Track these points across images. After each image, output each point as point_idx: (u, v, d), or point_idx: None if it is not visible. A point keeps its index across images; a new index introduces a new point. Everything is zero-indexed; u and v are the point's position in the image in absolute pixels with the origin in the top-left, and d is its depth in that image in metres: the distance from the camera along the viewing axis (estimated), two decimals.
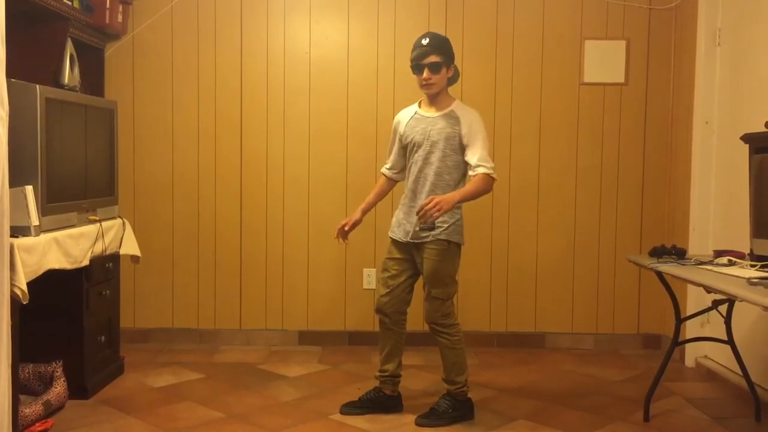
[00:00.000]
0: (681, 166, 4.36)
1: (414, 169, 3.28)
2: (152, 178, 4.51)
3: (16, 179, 2.88)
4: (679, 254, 3.16)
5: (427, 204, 2.96)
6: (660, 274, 3.17)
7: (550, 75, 4.49)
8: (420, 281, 3.35)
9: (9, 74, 2.59)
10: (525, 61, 4.49)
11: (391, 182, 3.51)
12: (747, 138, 3.11)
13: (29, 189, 2.99)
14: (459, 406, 3.30)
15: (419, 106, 3.36)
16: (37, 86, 3.09)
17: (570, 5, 4.47)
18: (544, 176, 4.53)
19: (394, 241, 3.36)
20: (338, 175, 4.50)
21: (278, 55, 4.48)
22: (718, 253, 3.14)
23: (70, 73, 3.64)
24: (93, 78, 4.08)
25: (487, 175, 3.13)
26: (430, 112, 3.29)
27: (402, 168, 3.43)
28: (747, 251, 3.06)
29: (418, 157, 3.26)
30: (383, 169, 3.51)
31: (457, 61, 4.41)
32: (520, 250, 4.56)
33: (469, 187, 3.14)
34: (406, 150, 3.36)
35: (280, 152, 4.51)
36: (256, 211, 4.53)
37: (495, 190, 4.45)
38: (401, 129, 3.35)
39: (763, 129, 2.97)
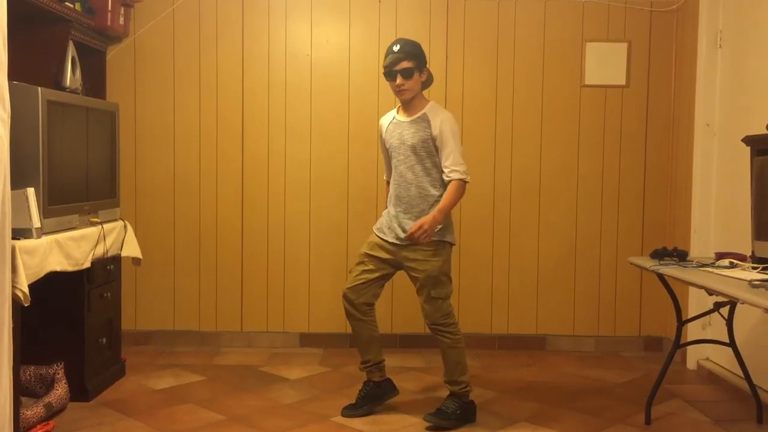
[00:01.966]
0: (682, 169, 4.36)
1: (395, 174, 3.34)
2: (154, 180, 4.51)
3: (18, 181, 2.88)
4: (680, 256, 3.16)
5: (414, 232, 3.15)
6: (661, 277, 3.17)
7: (552, 77, 4.50)
8: (390, 282, 3.41)
9: (11, 76, 2.59)
10: (526, 63, 4.50)
11: None
12: (748, 140, 3.11)
13: (31, 191, 2.99)
14: (464, 408, 3.30)
15: (397, 112, 3.41)
16: (39, 88, 3.09)
17: (571, 7, 4.47)
18: (546, 178, 4.53)
19: (381, 241, 3.35)
20: (339, 177, 4.50)
21: (279, 57, 4.48)
22: (720, 256, 3.14)
23: (71, 76, 3.64)
24: (94, 80, 4.08)
25: (460, 180, 3.23)
26: (405, 117, 3.34)
27: None
28: (748, 253, 3.06)
29: (397, 161, 3.32)
30: (385, 177, 3.54)
31: (459, 64, 4.47)
32: (521, 253, 4.56)
33: (445, 200, 3.22)
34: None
35: (281, 154, 4.51)
36: (257, 213, 4.53)
37: (496, 193, 4.51)
38: (383, 134, 3.43)
39: (764, 131, 2.97)
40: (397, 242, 3.29)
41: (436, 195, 3.25)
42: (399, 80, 3.24)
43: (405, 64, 3.23)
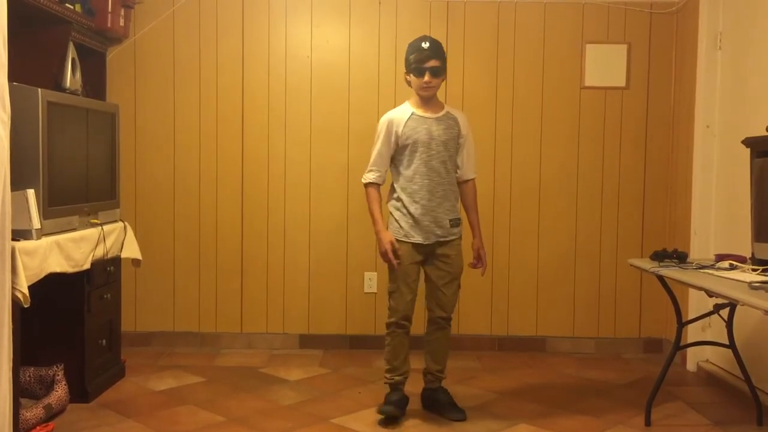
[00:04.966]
0: (682, 170, 4.36)
1: (426, 169, 3.29)
2: (154, 181, 4.51)
3: (18, 183, 2.88)
4: (680, 258, 3.16)
5: (485, 264, 3.51)
6: (661, 278, 3.17)
7: (552, 79, 4.50)
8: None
9: (11, 78, 2.59)
10: (526, 64, 4.50)
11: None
12: (748, 142, 3.11)
13: (31, 192, 2.99)
14: None
15: (413, 107, 3.37)
16: (39, 90, 3.09)
17: (571, 9, 4.47)
18: (546, 180, 4.53)
19: (415, 245, 3.31)
20: (339, 178, 4.50)
21: (279, 58, 4.48)
22: (720, 257, 3.14)
23: (71, 77, 3.64)
24: (95, 81, 4.08)
25: (473, 180, 3.50)
26: (430, 114, 3.35)
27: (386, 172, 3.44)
28: (748, 255, 3.06)
29: (428, 156, 3.29)
30: (374, 179, 3.37)
31: (459, 65, 4.48)
32: (521, 254, 4.55)
33: (477, 209, 3.53)
34: (398, 151, 3.35)
35: (281, 156, 4.51)
36: (257, 214, 4.53)
37: (496, 194, 4.51)
38: (399, 130, 3.31)
39: (764, 133, 2.98)
40: (429, 242, 3.32)
41: (457, 191, 3.43)
42: (428, 77, 3.28)
43: (435, 62, 3.28)
